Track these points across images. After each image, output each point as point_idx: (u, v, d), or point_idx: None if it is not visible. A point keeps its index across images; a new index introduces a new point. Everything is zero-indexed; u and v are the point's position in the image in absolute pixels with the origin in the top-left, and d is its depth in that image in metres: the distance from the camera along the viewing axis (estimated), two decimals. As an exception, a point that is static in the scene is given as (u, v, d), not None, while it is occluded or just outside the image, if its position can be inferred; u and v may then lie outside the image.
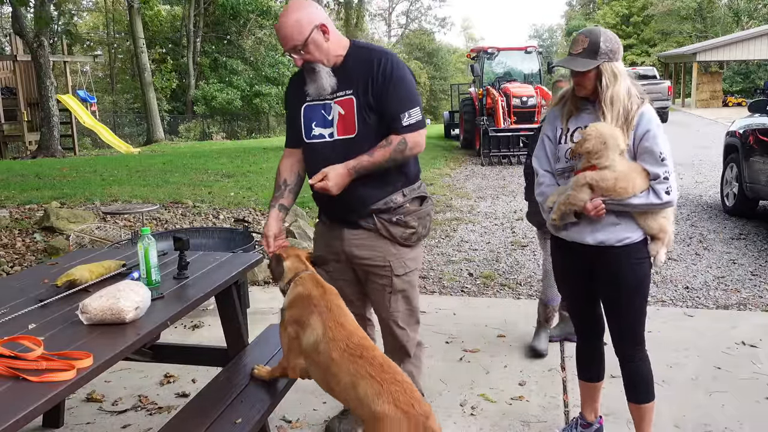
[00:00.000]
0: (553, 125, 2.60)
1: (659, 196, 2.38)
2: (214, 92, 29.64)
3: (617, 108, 2.39)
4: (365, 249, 2.60)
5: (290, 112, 2.68)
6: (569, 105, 2.55)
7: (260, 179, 10.22)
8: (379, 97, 2.47)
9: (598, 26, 2.57)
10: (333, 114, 2.53)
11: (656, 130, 2.39)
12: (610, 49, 2.38)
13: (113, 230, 5.93)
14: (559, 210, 2.48)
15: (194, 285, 2.56)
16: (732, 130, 7.95)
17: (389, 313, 2.69)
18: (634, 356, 2.59)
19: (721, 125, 17.65)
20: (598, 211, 2.40)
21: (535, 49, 15.78)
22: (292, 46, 2.41)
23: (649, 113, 2.42)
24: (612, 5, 43.55)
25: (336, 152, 2.51)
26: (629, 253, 2.47)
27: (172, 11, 32.61)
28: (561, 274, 2.76)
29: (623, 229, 2.45)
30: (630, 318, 2.55)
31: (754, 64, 32.68)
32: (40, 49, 15.56)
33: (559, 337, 3.96)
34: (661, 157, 2.37)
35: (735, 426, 2.99)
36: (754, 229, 7.03)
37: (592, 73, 2.39)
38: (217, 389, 2.51)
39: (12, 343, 1.88)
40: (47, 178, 10.39)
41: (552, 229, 2.61)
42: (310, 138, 2.59)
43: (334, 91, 2.50)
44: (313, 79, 2.48)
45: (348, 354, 2.16)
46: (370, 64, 2.49)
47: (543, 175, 2.62)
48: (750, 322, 4.31)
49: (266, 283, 5.27)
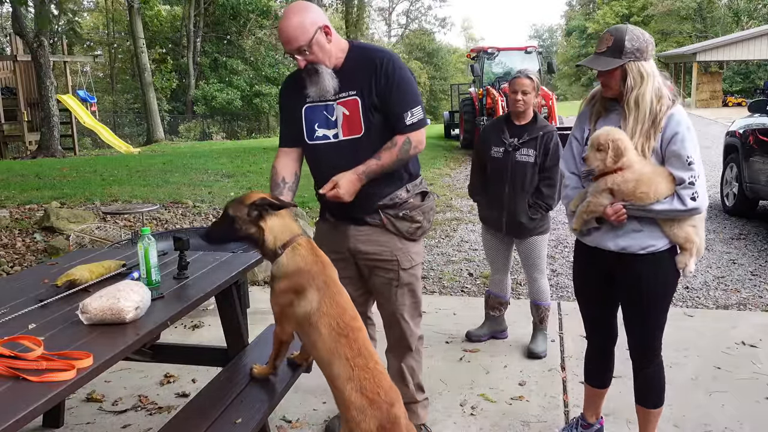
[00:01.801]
0: (581, 126, 2.54)
1: (684, 202, 2.28)
2: (214, 92, 29.65)
3: (643, 110, 2.29)
4: (372, 244, 2.63)
5: (287, 113, 2.67)
6: (598, 105, 2.48)
7: (260, 179, 10.22)
8: (384, 97, 2.50)
9: (626, 24, 2.46)
10: (336, 115, 2.54)
11: (685, 133, 2.29)
12: (637, 47, 2.28)
13: (113, 230, 5.93)
14: (580, 218, 2.44)
15: (194, 285, 2.56)
16: (732, 130, 7.95)
17: (396, 306, 2.72)
18: (650, 363, 2.56)
19: (721, 125, 17.64)
20: (619, 217, 2.33)
21: (535, 49, 15.78)
22: (296, 48, 2.40)
23: (679, 115, 2.32)
24: (612, 5, 43.59)
25: (342, 152, 2.53)
26: (653, 262, 2.39)
27: (172, 11, 32.62)
28: (581, 279, 2.68)
29: (647, 236, 2.37)
30: (649, 327, 2.50)
31: (754, 64, 32.69)
32: (40, 49, 15.55)
33: (486, 336, 4.00)
34: (688, 161, 2.26)
35: (735, 426, 2.99)
36: (754, 229, 7.04)
37: (617, 72, 2.31)
38: (217, 389, 2.51)
39: (12, 343, 1.88)
40: (47, 178, 10.39)
41: (575, 233, 2.57)
42: (313, 139, 2.59)
43: (337, 92, 2.50)
44: (315, 81, 2.48)
45: (335, 332, 2.15)
46: (372, 64, 2.50)
47: (569, 178, 2.56)
48: (750, 322, 4.31)
49: (266, 283, 5.27)
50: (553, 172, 3.56)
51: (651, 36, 2.38)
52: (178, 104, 31.89)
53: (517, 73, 3.64)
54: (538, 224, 3.66)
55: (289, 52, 2.45)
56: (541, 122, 3.66)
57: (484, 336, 4.01)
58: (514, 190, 3.60)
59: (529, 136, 3.59)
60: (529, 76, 3.57)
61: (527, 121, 3.63)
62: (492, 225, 3.80)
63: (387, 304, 2.75)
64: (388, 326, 2.80)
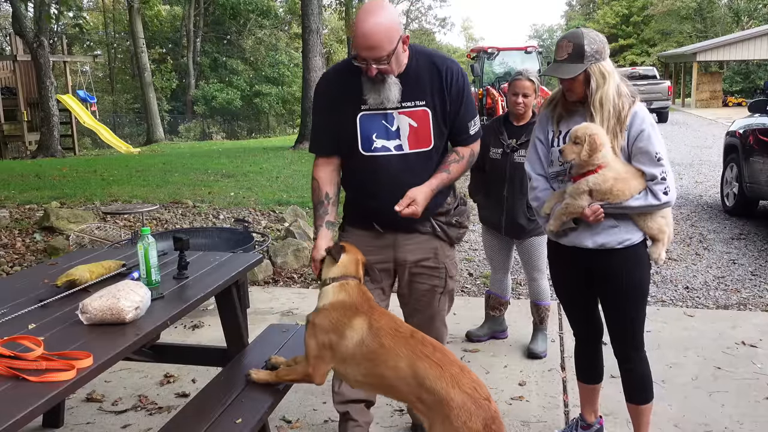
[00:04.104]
0: (544, 128, 2.57)
1: (657, 197, 2.35)
2: (214, 92, 29.68)
3: (607, 108, 2.34)
4: (420, 252, 2.60)
5: (331, 118, 2.48)
6: (559, 108, 2.52)
7: (260, 179, 10.21)
8: (455, 110, 2.46)
9: (579, 28, 2.52)
10: (397, 125, 2.42)
11: (650, 130, 2.35)
12: (596, 50, 2.33)
13: (113, 230, 5.93)
14: (559, 220, 2.46)
15: (194, 285, 2.56)
16: (732, 130, 7.95)
17: (436, 311, 2.71)
18: (634, 357, 2.58)
19: (721, 125, 17.64)
20: (597, 216, 2.37)
21: (535, 49, 15.81)
22: (378, 57, 2.23)
23: (642, 112, 2.38)
24: (612, 5, 43.53)
25: (408, 166, 2.44)
26: (630, 255, 2.46)
27: (172, 11, 32.64)
28: (559, 279, 2.72)
29: (623, 231, 2.43)
30: (630, 319, 2.53)
31: (754, 64, 32.65)
32: (40, 49, 15.56)
33: (486, 336, 4.01)
34: (657, 157, 2.34)
35: (735, 426, 2.99)
36: (754, 229, 7.03)
37: (580, 77, 2.35)
38: (217, 389, 2.51)
39: (12, 343, 1.88)
40: (47, 178, 10.38)
41: (550, 235, 2.60)
42: (370, 150, 2.44)
43: (399, 100, 2.38)
44: (377, 89, 2.34)
45: (400, 336, 2.08)
46: (438, 73, 2.42)
47: (536, 179, 2.58)
48: (750, 322, 4.31)
49: (266, 283, 5.27)
50: None
51: (603, 35, 2.43)
52: (178, 104, 31.92)
53: (517, 75, 3.62)
54: (537, 225, 3.65)
55: (364, 58, 2.26)
56: None
57: (484, 336, 4.01)
58: (512, 191, 3.60)
59: (527, 137, 3.57)
60: (530, 78, 3.56)
61: (526, 122, 3.62)
62: (491, 225, 3.80)
63: (426, 309, 2.71)
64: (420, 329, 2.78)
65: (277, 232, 6.45)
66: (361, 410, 2.73)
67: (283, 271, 5.51)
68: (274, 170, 11.28)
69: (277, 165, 12.08)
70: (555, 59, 2.41)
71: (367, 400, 2.74)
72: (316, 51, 15.16)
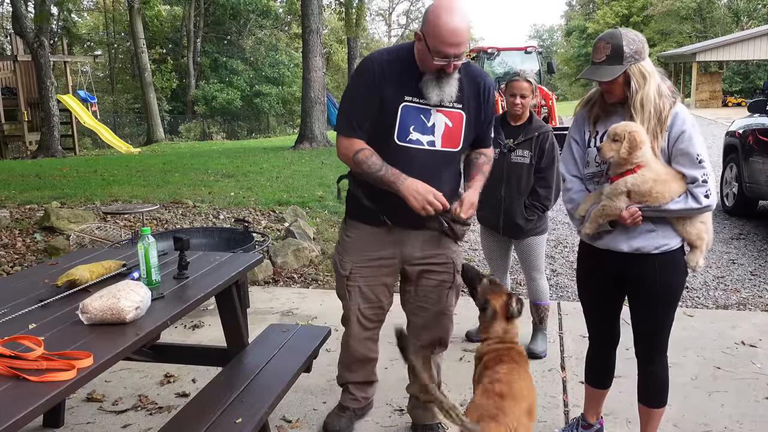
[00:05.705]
0: (580, 129, 2.51)
1: (698, 201, 2.27)
2: (214, 92, 29.70)
3: (648, 109, 2.28)
4: (429, 248, 2.66)
5: (370, 101, 2.45)
6: (597, 108, 2.45)
7: (260, 179, 10.21)
8: (488, 120, 2.63)
9: (617, 28, 2.42)
10: (433, 121, 2.48)
11: (692, 131, 2.28)
12: (635, 50, 2.26)
13: (113, 230, 5.93)
14: (595, 222, 2.38)
15: (194, 285, 2.56)
16: (732, 130, 7.95)
17: (445, 306, 2.77)
18: (657, 361, 2.54)
19: (721, 125, 17.64)
20: (635, 219, 2.30)
21: (535, 49, 15.77)
22: (461, 53, 2.33)
23: (684, 113, 2.31)
24: (612, 5, 43.56)
25: (435, 162, 2.52)
26: (667, 260, 2.38)
27: (172, 11, 32.66)
28: (586, 280, 2.65)
29: (660, 235, 2.36)
30: (659, 323, 2.48)
31: (754, 64, 32.66)
32: (41, 49, 15.56)
33: None
34: (698, 159, 2.26)
35: (735, 426, 3.00)
36: (754, 229, 7.04)
37: (620, 78, 2.28)
38: (217, 389, 2.51)
39: (12, 342, 1.88)
40: (47, 178, 10.38)
41: (584, 238, 2.52)
42: (404, 141, 2.47)
43: (442, 100, 2.45)
44: (441, 85, 2.40)
45: None
46: (478, 86, 2.55)
47: (571, 181, 2.52)
48: (750, 322, 4.31)
49: (266, 283, 5.27)
50: (549, 172, 3.56)
51: (642, 34, 2.37)
52: (178, 104, 31.93)
53: (514, 76, 3.60)
54: (535, 225, 3.66)
55: (449, 54, 2.31)
56: (537, 123, 3.65)
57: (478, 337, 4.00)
58: (509, 191, 3.60)
59: (524, 137, 3.58)
60: (528, 79, 3.56)
61: (522, 122, 3.62)
62: (489, 226, 3.80)
63: (434, 305, 2.76)
64: (427, 326, 2.80)
65: (277, 232, 6.45)
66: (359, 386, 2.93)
67: (283, 271, 5.51)
68: (274, 170, 11.28)
69: (277, 165, 12.07)
70: (592, 61, 2.35)
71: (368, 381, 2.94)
72: (316, 51, 15.17)
